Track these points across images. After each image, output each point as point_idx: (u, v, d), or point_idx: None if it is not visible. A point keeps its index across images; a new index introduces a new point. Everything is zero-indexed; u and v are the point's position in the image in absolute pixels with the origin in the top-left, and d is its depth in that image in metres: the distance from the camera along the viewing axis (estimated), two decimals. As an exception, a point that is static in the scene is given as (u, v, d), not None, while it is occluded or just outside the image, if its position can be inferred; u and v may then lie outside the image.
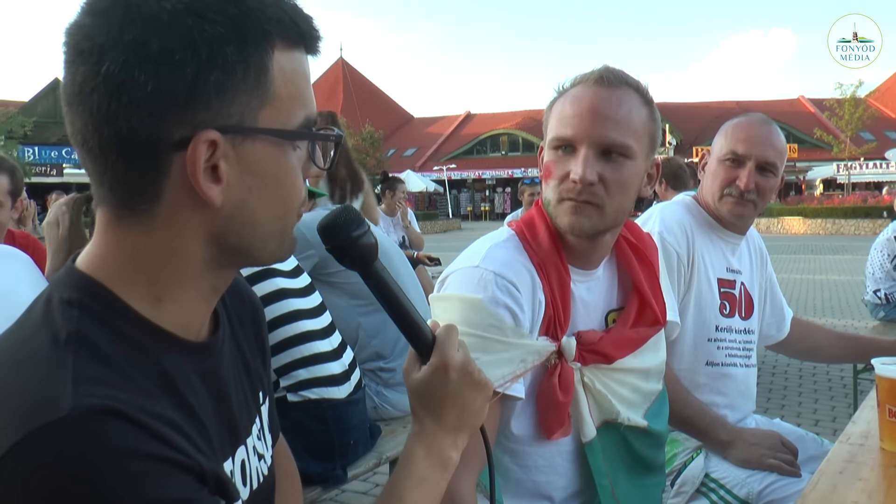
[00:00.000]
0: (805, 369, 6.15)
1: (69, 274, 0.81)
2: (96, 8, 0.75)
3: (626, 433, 1.49)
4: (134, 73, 0.72)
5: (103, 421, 0.67)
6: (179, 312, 0.82)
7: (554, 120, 1.45)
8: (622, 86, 1.42)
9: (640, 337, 1.50)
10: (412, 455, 0.99)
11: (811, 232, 27.86)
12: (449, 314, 1.37)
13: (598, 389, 1.44)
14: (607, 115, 1.38)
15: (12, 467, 0.65)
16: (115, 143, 0.75)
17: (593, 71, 1.44)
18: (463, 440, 1.02)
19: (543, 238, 1.46)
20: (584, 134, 1.38)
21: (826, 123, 38.69)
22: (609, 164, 1.39)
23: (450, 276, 1.44)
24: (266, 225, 0.83)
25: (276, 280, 2.33)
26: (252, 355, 1.02)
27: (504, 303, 1.36)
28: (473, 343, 1.33)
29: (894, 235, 5.28)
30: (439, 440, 1.00)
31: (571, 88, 1.45)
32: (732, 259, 2.22)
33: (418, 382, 1.00)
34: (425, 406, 1.00)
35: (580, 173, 1.36)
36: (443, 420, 1.00)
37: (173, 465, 0.70)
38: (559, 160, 1.42)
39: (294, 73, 0.82)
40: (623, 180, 1.40)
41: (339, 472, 2.36)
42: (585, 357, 1.43)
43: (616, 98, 1.40)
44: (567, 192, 1.40)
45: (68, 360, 0.71)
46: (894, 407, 1.51)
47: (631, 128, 1.40)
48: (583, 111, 1.39)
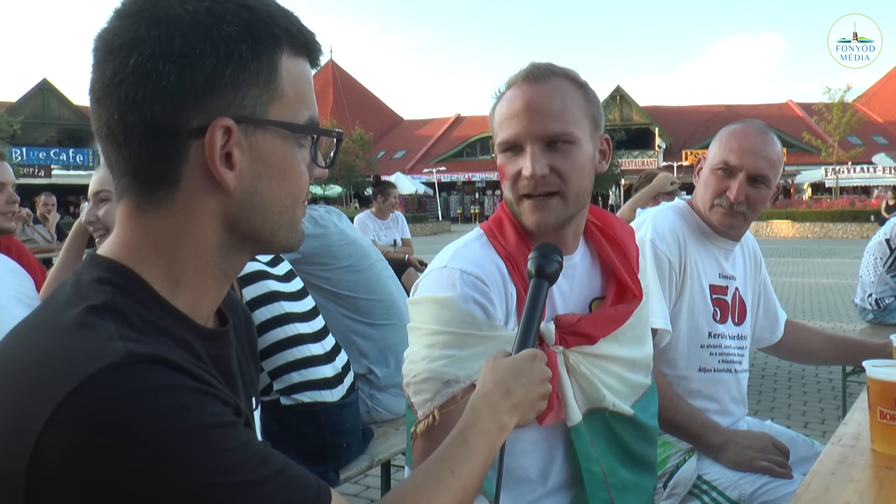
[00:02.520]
0: (795, 371, 6.18)
1: (93, 260, 0.88)
2: (125, 12, 0.84)
3: (612, 421, 1.50)
4: (159, 64, 0.81)
5: (153, 365, 0.74)
6: (193, 296, 0.89)
7: (497, 124, 1.51)
8: (551, 77, 1.46)
9: (619, 314, 1.52)
10: (479, 410, 1.13)
11: (800, 235, 27.99)
12: (423, 315, 1.42)
13: (583, 373, 1.46)
14: (542, 108, 1.43)
15: (71, 412, 0.69)
16: (139, 131, 0.82)
17: (522, 70, 1.49)
18: (517, 417, 1.16)
19: (510, 233, 1.51)
20: (525, 132, 1.44)
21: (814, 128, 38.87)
22: (556, 153, 1.44)
23: (422, 280, 1.48)
24: (275, 212, 0.91)
25: (267, 283, 2.33)
26: (246, 362, 1.06)
27: (473, 298, 1.39)
28: (449, 340, 1.37)
29: (885, 238, 5.28)
30: (501, 406, 1.14)
31: (506, 91, 1.50)
32: (726, 265, 2.23)
33: (505, 361, 1.19)
34: (500, 381, 1.16)
35: (530, 169, 1.42)
36: (510, 394, 1.15)
37: (216, 397, 0.78)
38: (509, 161, 1.48)
39: (300, 76, 0.91)
40: (574, 165, 1.45)
41: (332, 474, 2.36)
42: (567, 340, 1.44)
43: (547, 90, 1.45)
44: (523, 189, 1.45)
45: (109, 322, 0.78)
46: (885, 409, 1.52)
47: (568, 115, 1.44)
48: (519, 111, 1.45)
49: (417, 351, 1.40)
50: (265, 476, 0.77)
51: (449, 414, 1.32)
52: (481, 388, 1.17)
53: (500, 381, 1.16)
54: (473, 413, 1.12)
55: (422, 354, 1.38)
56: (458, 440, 1.08)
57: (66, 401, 0.70)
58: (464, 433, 1.09)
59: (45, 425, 0.69)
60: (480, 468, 1.06)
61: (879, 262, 5.22)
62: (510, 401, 1.15)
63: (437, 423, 1.33)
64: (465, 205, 50.62)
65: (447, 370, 1.35)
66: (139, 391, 0.71)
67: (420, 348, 1.39)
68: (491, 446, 1.10)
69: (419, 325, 1.42)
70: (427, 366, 1.36)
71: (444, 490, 1.00)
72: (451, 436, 1.09)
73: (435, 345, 1.37)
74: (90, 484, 0.69)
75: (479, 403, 1.14)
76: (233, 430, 0.77)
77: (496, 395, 1.14)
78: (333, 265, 2.90)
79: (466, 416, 1.12)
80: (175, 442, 0.71)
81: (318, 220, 2.90)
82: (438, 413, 1.33)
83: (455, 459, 1.05)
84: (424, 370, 1.37)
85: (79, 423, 0.69)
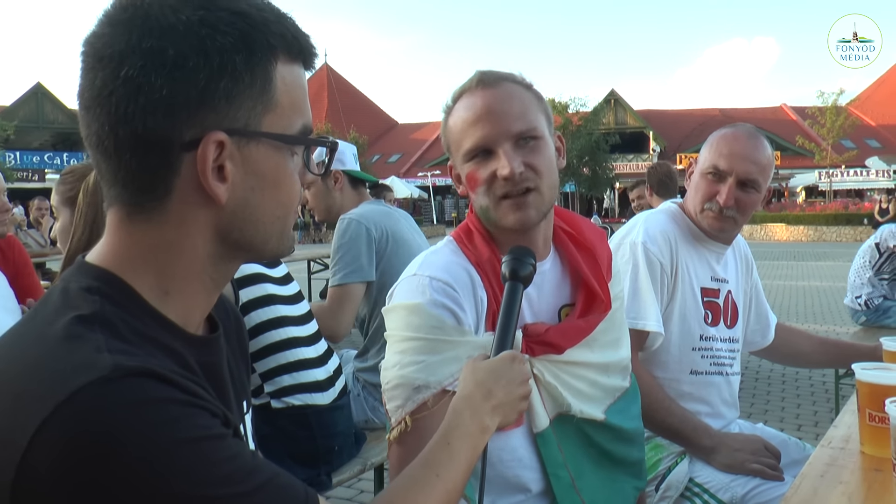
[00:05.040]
0: (788, 374, 6.20)
1: (82, 267, 0.86)
2: (115, 19, 0.82)
3: (583, 426, 1.50)
4: (151, 77, 0.79)
5: (141, 379, 0.73)
6: (183, 305, 0.88)
7: (457, 134, 1.50)
8: (502, 82, 1.48)
9: (588, 325, 1.52)
10: (461, 413, 1.14)
11: (794, 238, 28.10)
12: (395, 322, 1.42)
13: (549, 381, 1.46)
14: (504, 109, 1.45)
15: (58, 425, 0.69)
16: (130, 143, 0.81)
17: (471, 79, 1.51)
18: (498, 418, 1.16)
19: (478, 241, 1.51)
20: (494, 133, 1.44)
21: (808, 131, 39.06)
22: (526, 150, 1.45)
23: (395, 288, 1.48)
24: (267, 223, 0.90)
25: (265, 285, 2.33)
26: (237, 366, 1.06)
27: (442, 303, 1.39)
28: (419, 346, 1.37)
29: (875, 242, 5.35)
30: (483, 408, 1.15)
31: (459, 101, 1.51)
32: (718, 268, 2.23)
33: (485, 363, 1.20)
34: (480, 383, 1.17)
35: (509, 167, 1.41)
36: (491, 395, 1.16)
37: (204, 409, 0.77)
38: (480, 166, 1.47)
39: (294, 84, 0.89)
40: (544, 160, 1.47)
41: (324, 478, 2.36)
42: (534, 349, 1.45)
43: (503, 93, 1.47)
44: (501, 190, 1.45)
45: (97, 333, 0.76)
46: (874, 411, 1.53)
47: (528, 113, 1.46)
48: (481, 115, 1.45)
49: (389, 358, 1.41)
50: (254, 487, 0.77)
51: (422, 419, 1.32)
52: (462, 391, 1.17)
53: (481, 382, 1.17)
54: (455, 416, 1.13)
55: (393, 361, 1.39)
56: (441, 443, 1.08)
57: (54, 414, 0.69)
58: (446, 436, 1.09)
59: (31, 439, 0.69)
60: (464, 471, 1.07)
61: (868, 265, 5.32)
62: (491, 402, 1.15)
63: (409, 429, 1.33)
64: (459, 208, 50.50)
65: (417, 376, 1.35)
66: (127, 405, 0.70)
67: (392, 355, 1.40)
68: (474, 448, 1.10)
69: (392, 332, 1.43)
70: (398, 372, 1.37)
71: (429, 494, 1.01)
72: (435, 439, 1.10)
73: (406, 351, 1.38)
74: (77, 498, 0.68)
75: (460, 406, 1.15)
76: (221, 442, 0.77)
77: (477, 397, 1.15)
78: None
79: (448, 420, 1.13)
80: (163, 455, 0.70)
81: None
82: (410, 419, 1.33)
83: (439, 463, 1.05)
84: (395, 377, 1.37)
85: (66, 436, 0.68)
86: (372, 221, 2.88)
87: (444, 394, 1.33)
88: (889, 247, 5.28)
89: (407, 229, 3.04)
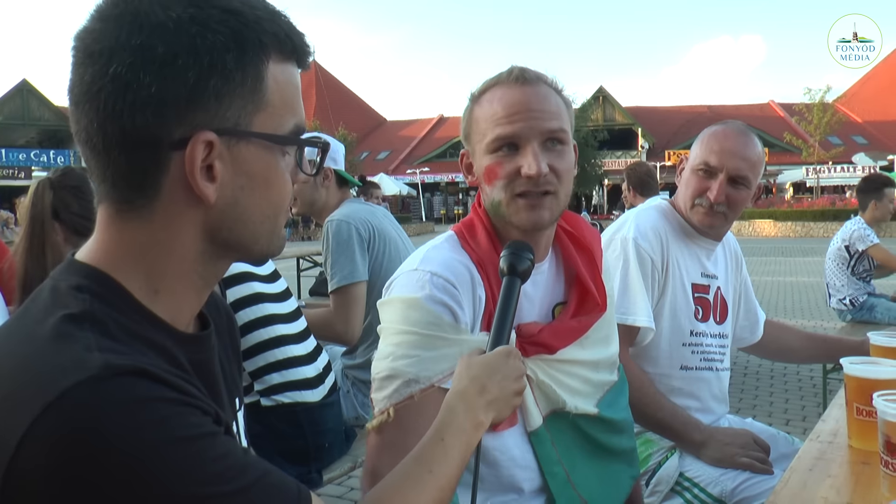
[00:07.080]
0: (776, 370, 6.24)
1: (71, 266, 0.86)
2: (106, 14, 0.81)
3: (577, 420, 1.51)
4: (140, 74, 0.78)
5: (131, 378, 0.72)
6: (173, 303, 0.88)
7: (484, 123, 1.48)
8: (540, 82, 1.48)
9: (581, 325, 1.52)
10: (454, 408, 1.12)
11: (782, 234, 28.22)
12: (391, 315, 1.41)
13: (542, 380, 1.46)
14: (541, 108, 1.44)
15: (49, 425, 0.68)
16: (118, 140, 0.80)
17: (510, 71, 1.49)
18: (492, 414, 1.15)
19: (482, 237, 1.50)
20: (527, 128, 1.43)
21: (795, 128, 39.20)
22: (552, 153, 1.45)
23: (394, 282, 1.48)
24: (257, 222, 0.89)
25: (252, 284, 2.32)
26: (228, 363, 1.06)
27: (442, 300, 1.38)
28: (415, 340, 1.36)
29: (844, 245, 5.48)
30: (477, 404, 1.13)
31: (490, 91, 1.49)
32: (708, 264, 2.25)
33: (480, 358, 1.19)
34: (475, 378, 1.15)
35: (535, 167, 1.41)
36: (486, 391, 1.14)
37: (196, 407, 0.76)
38: (503, 160, 1.45)
39: (286, 83, 0.88)
40: (567, 166, 1.47)
41: (315, 475, 2.36)
42: (527, 349, 1.45)
43: (541, 92, 1.46)
44: (522, 187, 1.44)
45: (87, 333, 0.76)
46: (861, 405, 1.54)
47: (561, 116, 1.47)
48: (517, 108, 1.44)
49: (383, 349, 1.40)
50: (246, 485, 0.77)
51: (405, 411, 1.32)
52: (456, 386, 1.16)
53: (476, 378, 1.15)
54: (449, 411, 1.11)
55: (386, 352, 1.38)
56: (435, 439, 1.07)
57: (44, 414, 0.68)
58: (440, 432, 1.08)
59: (21, 438, 0.68)
60: (457, 467, 1.06)
61: (844, 267, 5.44)
62: (486, 398, 1.14)
63: (391, 419, 1.32)
64: (448, 205, 50.61)
65: (409, 370, 1.34)
66: (118, 404, 0.70)
67: (386, 346, 1.39)
68: (467, 445, 1.09)
69: (387, 324, 1.42)
70: (390, 364, 1.36)
71: (421, 490, 1.00)
72: (428, 435, 1.09)
73: (401, 344, 1.37)
74: (68, 498, 0.68)
75: (454, 401, 1.13)
76: (213, 440, 0.76)
77: (471, 393, 1.14)
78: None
79: (442, 416, 1.11)
80: (155, 454, 0.70)
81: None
82: (393, 410, 1.33)
83: (432, 459, 1.04)
84: (387, 368, 1.36)
85: (56, 435, 0.68)
86: (360, 221, 2.89)
87: (432, 389, 1.33)
88: (858, 250, 5.41)
89: (390, 227, 3.05)
